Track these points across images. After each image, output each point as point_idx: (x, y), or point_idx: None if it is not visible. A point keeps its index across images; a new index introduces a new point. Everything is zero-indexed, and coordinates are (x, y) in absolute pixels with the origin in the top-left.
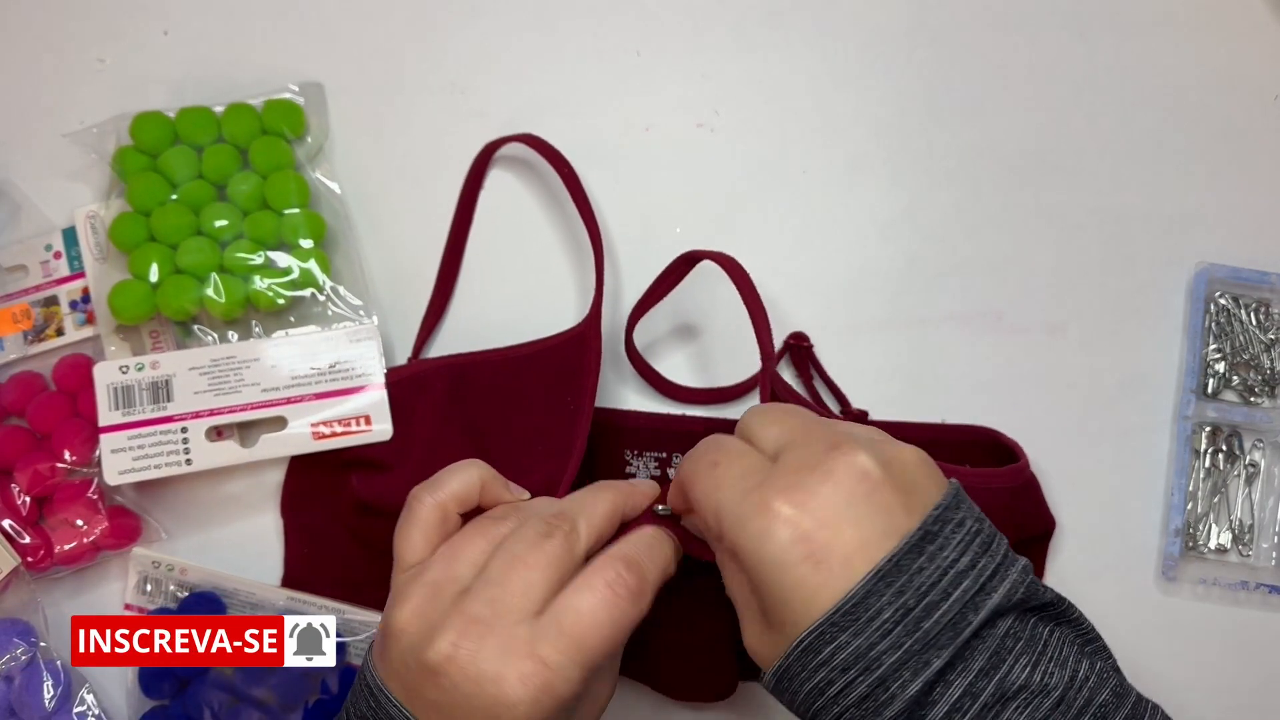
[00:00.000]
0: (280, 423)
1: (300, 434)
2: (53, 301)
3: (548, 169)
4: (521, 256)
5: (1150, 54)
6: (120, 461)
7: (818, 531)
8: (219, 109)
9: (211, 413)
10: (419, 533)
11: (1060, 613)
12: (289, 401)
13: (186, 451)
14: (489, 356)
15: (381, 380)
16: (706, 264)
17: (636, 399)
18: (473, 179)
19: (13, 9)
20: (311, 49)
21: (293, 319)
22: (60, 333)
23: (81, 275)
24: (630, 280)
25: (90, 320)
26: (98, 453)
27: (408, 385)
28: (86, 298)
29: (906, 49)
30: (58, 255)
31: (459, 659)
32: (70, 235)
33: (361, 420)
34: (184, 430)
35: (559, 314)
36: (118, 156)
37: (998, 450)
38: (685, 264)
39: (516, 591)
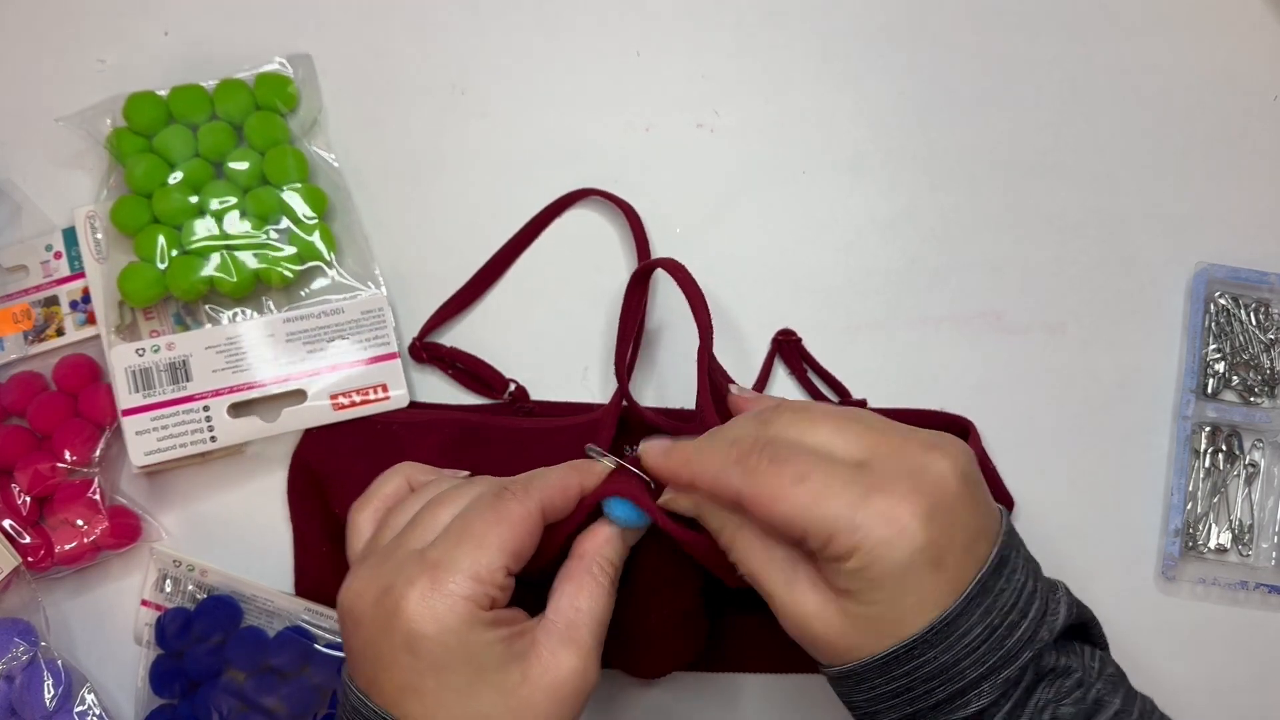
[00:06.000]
0: (300, 395)
1: (320, 405)
2: (53, 301)
3: (623, 231)
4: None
5: (1149, 54)
6: (145, 443)
7: (941, 537)
8: (210, 85)
9: (231, 390)
10: (360, 543)
11: (1085, 631)
12: (306, 375)
13: (210, 429)
14: (506, 422)
15: (395, 348)
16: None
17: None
18: (555, 207)
19: (13, 9)
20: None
21: (302, 293)
22: (61, 333)
23: (82, 275)
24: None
25: (91, 320)
26: (98, 452)
27: (420, 428)
28: (87, 298)
29: (907, 49)
30: (58, 255)
31: (383, 603)
32: (70, 235)
33: (379, 389)
34: (206, 409)
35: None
36: (113, 138)
37: (955, 431)
38: (640, 281)
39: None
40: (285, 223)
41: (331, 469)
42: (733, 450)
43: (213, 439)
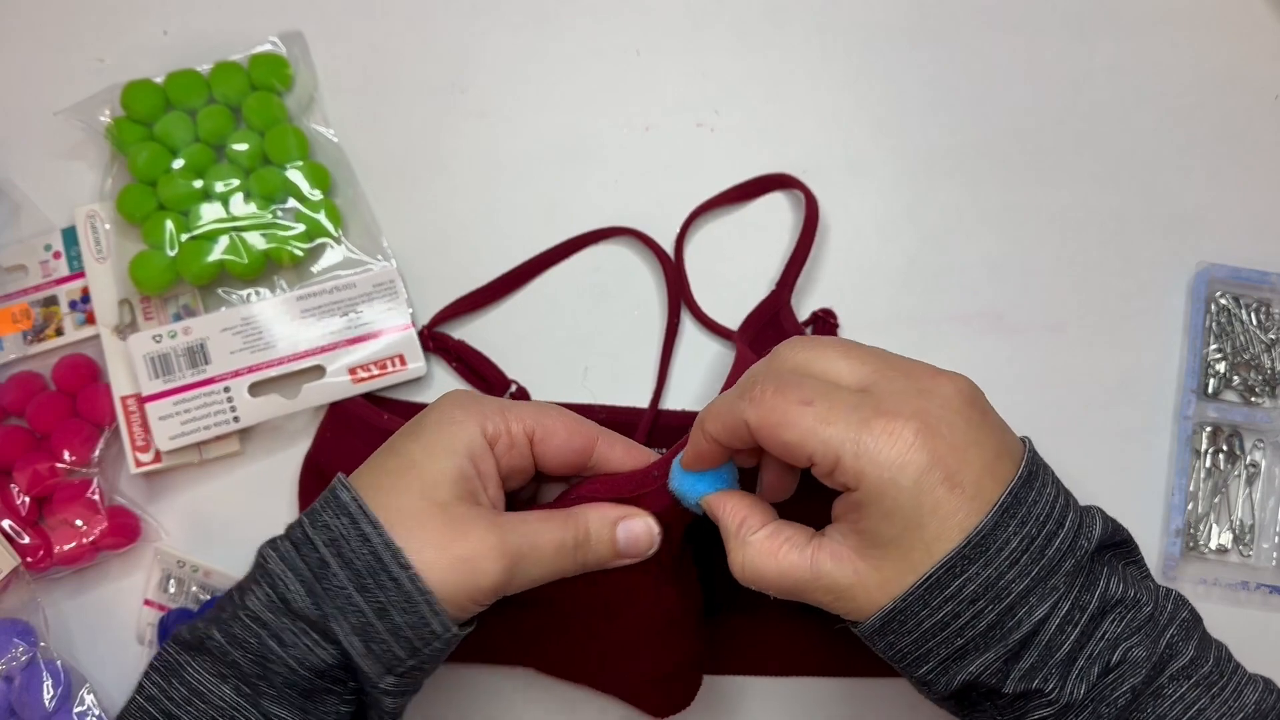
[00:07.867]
0: (319, 371)
1: (339, 381)
2: (52, 301)
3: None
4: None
5: (1150, 54)
6: (169, 427)
7: (950, 455)
8: (205, 70)
9: (250, 370)
10: None
11: (1128, 553)
12: (323, 350)
13: (233, 410)
14: None
15: (408, 320)
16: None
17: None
18: (593, 236)
19: (13, 9)
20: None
21: (313, 270)
22: (60, 333)
23: (81, 275)
24: (629, 282)
25: (90, 320)
26: (97, 452)
27: None
28: (86, 297)
29: (906, 49)
30: (57, 255)
31: None
32: (70, 235)
33: (396, 360)
34: (227, 390)
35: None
36: (113, 128)
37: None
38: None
39: None
40: (290, 201)
41: (344, 472)
42: (739, 388)
43: (235, 419)
